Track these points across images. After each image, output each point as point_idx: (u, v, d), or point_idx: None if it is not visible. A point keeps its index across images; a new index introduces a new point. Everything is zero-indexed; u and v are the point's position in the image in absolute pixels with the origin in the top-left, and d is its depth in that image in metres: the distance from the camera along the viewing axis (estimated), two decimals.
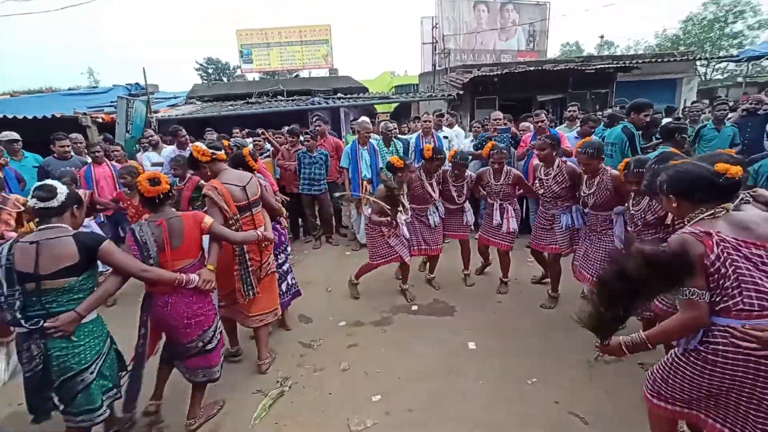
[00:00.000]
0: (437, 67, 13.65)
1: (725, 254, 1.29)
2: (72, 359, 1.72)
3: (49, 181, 1.82)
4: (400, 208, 3.38)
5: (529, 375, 2.50)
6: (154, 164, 5.12)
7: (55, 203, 1.74)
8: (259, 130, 5.52)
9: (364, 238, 5.02)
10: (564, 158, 3.82)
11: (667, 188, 1.48)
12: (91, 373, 1.78)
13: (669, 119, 5.26)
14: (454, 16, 15.33)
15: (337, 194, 4.51)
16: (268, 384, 2.54)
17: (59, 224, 1.75)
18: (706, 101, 6.83)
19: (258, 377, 2.63)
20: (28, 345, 1.68)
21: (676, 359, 1.45)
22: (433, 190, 3.53)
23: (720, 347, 1.31)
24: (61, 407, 1.77)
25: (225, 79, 26.82)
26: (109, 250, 1.79)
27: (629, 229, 2.60)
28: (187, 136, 5.07)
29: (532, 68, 10.14)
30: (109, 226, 4.19)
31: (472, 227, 3.88)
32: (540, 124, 4.46)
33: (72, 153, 4.60)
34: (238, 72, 16.55)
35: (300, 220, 5.58)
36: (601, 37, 27.16)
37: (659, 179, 1.52)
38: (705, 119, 5.41)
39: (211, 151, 2.46)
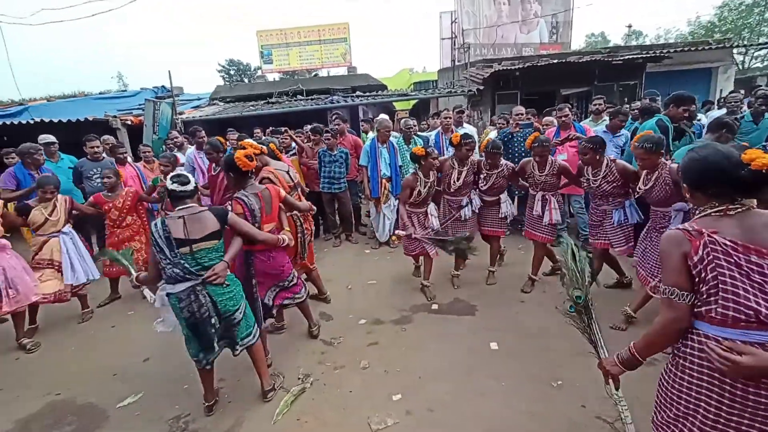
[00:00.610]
0: (456, 63, 13.45)
1: (709, 258, 1.16)
2: (229, 302, 2.20)
3: (182, 171, 2.36)
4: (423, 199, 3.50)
5: (554, 377, 2.43)
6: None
7: (190, 187, 2.19)
8: (283, 129, 5.60)
9: (384, 236, 5.03)
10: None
11: (682, 176, 1.32)
12: (240, 312, 2.27)
13: (723, 110, 4.97)
14: (473, 10, 15.07)
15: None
16: (289, 380, 2.57)
17: (192, 204, 2.20)
18: (742, 91, 6.43)
19: (280, 369, 2.66)
20: (195, 296, 2.10)
21: (660, 388, 1.37)
22: (458, 179, 3.53)
23: (688, 350, 1.25)
24: (222, 342, 2.27)
25: (246, 80, 27.40)
26: (235, 219, 2.29)
27: None
28: (205, 137, 5.13)
29: (555, 61, 9.84)
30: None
31: (509, 221, 3.80)
32: (564, 118, 4.32)
33: (103, 154, 4.81)
34: (259, 73, 16.86)
35: (320, 218, 5.63)
36: (629, 26, 26.10)
37: (679, 166, 1.35)
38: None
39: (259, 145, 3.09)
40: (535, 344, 2.78)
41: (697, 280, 1.19)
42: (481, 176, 3.59)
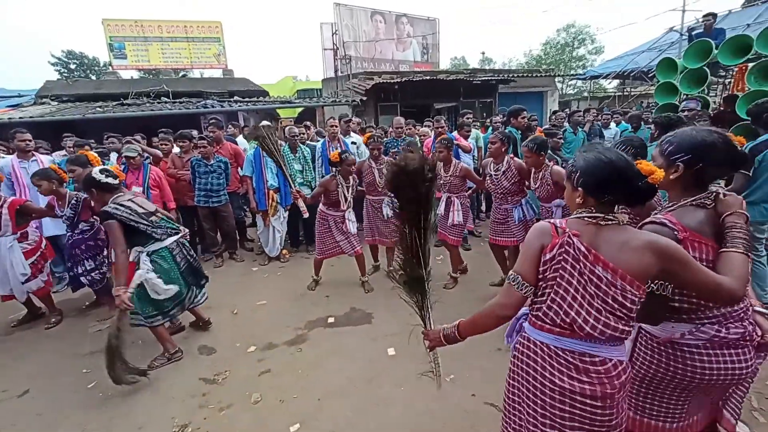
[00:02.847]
0: (339, 73, 13.69)
1: (560, 258, 1.15)
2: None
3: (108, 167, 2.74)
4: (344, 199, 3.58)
5: (447, 372, 2.56)
6: None
7: (117, 182, 2.67)
8: (106, 135, 4.77)
9: (273, 251, 4.69)
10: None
11: (578, 178, 1.18)
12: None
13: (547, 126, 6.16)
14: (352, 24, 15.60)
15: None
16: None
17: (124, 193, 2.72)
18: (563, 112, 8.38)
19: (146, 428, 2.19)
20: (182, 245, 2.85)
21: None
22: (381, 176, 3.69)
23: (516, 351, 1.33)
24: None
25: (93, 77, 22.90)
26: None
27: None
28: (30, 142, 3.97)
29: (428, 78, 10.85)
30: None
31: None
32: (440, 129, 4.74)
33: None
34: (110, 69, 14.22)
35: (197, 236, 4.95)
36: (483, 53, 30.82)
37: (572, 164, 1.24)
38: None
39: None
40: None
41: (540, 276, 1.19)
42: None
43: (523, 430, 1.30)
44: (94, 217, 3.34)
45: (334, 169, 3.60)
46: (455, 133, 5.37)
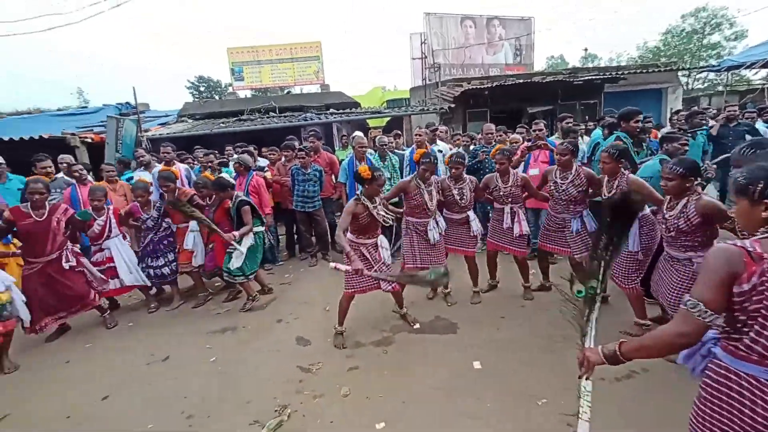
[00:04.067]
0: (428, 82, 13.82)
1: (760, 289, 1.03)
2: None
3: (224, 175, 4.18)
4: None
5: (539, 394, 2.39)
6: None
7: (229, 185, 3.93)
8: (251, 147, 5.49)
9: None
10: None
11: (763, 189, 1.09)
12: None
13: (667, 128, 5.41)
14: (442, 31, 15.65)
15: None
16: (265, 413, 2.40)
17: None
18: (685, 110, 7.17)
19: (253, 405, 2.49)
20: (265, 233, 4.21)
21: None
22: (431, 198, 3.35)
23: (709, 379, 1.19)
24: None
25: (217, 97, 26.97)
26: None
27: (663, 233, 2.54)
28: (169, 153, 4.96)
29: (521, 81, 10.30)
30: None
31: (480, 239, 3.72)
32: (538, 132, 4.49)
33: (59, 174, 4.51)
34: (230, 90, 16.62)
35: (295, 236, 5.48)
36: (585, 50, 27.97)
37: (747, 176, 1.13)
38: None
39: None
40: (518, 361, 2.76)
41: (736, 307, 1.07)
42: (454, 193, 3.47)
43: None
44: (166, 219, 4.07)
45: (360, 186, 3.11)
46: (553, 139, 5.01)
